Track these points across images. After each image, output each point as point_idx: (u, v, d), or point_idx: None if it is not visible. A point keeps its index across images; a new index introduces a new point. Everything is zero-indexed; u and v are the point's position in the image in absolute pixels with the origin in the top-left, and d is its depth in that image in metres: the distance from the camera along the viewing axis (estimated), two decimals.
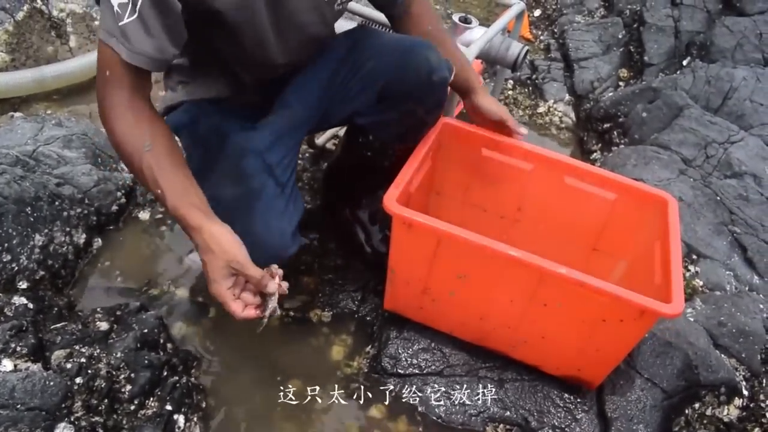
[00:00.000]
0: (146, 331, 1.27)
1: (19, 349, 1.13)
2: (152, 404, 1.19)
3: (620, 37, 2.78)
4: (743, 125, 2.21)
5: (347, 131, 1.57)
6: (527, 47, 1.73)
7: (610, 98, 2.48)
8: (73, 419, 1.07)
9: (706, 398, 1.40)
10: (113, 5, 0.86)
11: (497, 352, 1.40)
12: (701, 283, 1.68)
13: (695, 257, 1.74)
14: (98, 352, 1.19)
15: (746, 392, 1.44)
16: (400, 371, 1.38)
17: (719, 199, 1.91)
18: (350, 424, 1.33)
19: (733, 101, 2.30)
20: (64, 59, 2.22)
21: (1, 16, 2.17)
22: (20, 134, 1.73)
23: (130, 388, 1.17)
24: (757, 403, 1.44)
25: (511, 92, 2.61)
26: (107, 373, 1.16)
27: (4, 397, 1.02)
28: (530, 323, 1.27)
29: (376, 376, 1.39)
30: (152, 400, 1.19)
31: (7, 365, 1.09)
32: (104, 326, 1.27)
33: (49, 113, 2.04)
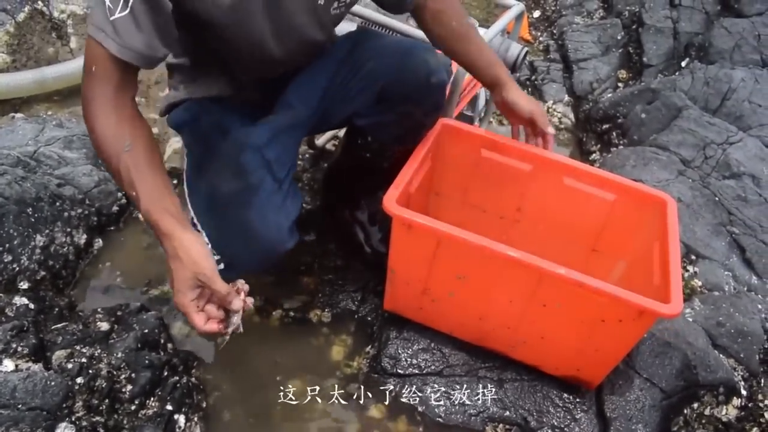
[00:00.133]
0: (147, 331, 1.28)
1: (20, 349, 1.13)
2: (153, 404, 1.19)
3: (619, 38, 2.78)
4: (742, 126, 2.21)
5: (347, 133, 1.57)
6: (526, 48, 1.73)
7: (609, 99, 2.49)
8: (74, 419, 1.07)
9: (704, 398, 1.40)
10: (105, 0, 0.87)
11: (497, 352, 1.40)
12: (700, 283, 1.68)
13: (694, 258, 1.74)
14: (99, 352, 1.20)
15: (745, 392, 1.45)
16: (399, 371, 1.39)
17: (718, 199, 1.91)
18: (350, 424, 1.33)
19: (731, 102, 2.30)
20: (64, 60, 2.23)
21: (2, 17, 2.18)
22: (21, 135, 1.74)
23: (130, 388, 1.17)
24: (755, 403, 1.44)
25: None
26: (108, 373, 1.16)
27: (5, 397, 1.02)
28: (530, 323, 1.28)
29: (376, 376, 1.39)
30: (153, 400, 1.19)
31: (8, 365, 1.09)
32: (105, 326, 1.27)
33: (49, 114, 2.04)
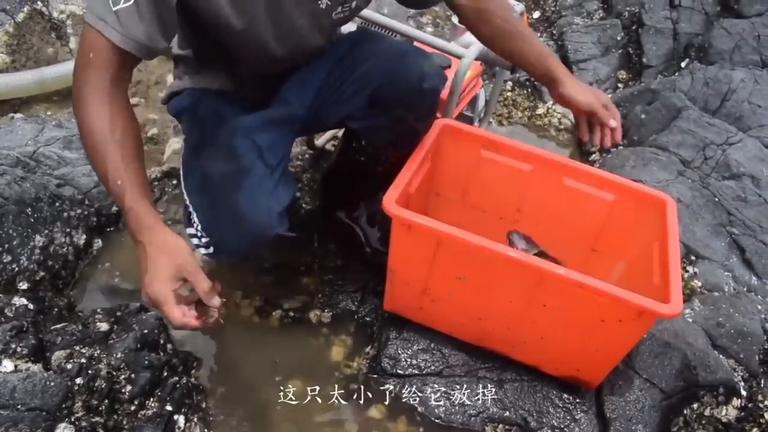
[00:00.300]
0: (146, 331, 1.27)
1: (19, 349, 1.13)
2: (152, 405, 1.19)
3: (619, 38, 2.78)
4: (741, 127, 2.21)
5: (344, 135, 1.58)
6: None
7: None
8: (73, 419, 1.07)
9: (704, 398, 1.40)
10: None
11: (496, 352, 1.40)
12: (700, 283, 1.68)
13: (694, 258, 1.74)
14: (98, 352, 1.19)
15: (744, 393, 1.45)
16: (399, 372, 1.38)
17: (717, 200, 1.91)
18: (350, 424, 1.33)
19: (731, 103, 2.30)
20: (64, 60, 2.23)
21: (1, 17, 2.17)
22: (21, 135, 1.73)
23: (130, 388, 1.17)
24: (755, 403, 1.44)
25: (510, 93, 2.62)
26: (107, 373, 1.16)
27: (4, 397, 1.02)
28: (529, 324, 1.28)
29: (375, 376, 1.39)
30: (152, 400, 1.19)
31: (7, 366, 1.09)
32: (104, 327, 1.27)
33: (49, 114, 2.04)
